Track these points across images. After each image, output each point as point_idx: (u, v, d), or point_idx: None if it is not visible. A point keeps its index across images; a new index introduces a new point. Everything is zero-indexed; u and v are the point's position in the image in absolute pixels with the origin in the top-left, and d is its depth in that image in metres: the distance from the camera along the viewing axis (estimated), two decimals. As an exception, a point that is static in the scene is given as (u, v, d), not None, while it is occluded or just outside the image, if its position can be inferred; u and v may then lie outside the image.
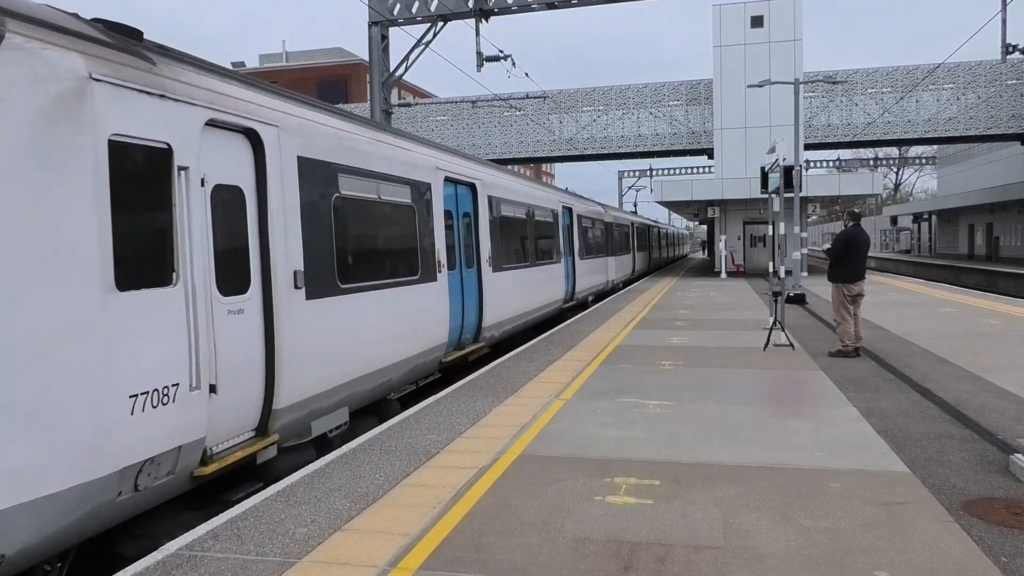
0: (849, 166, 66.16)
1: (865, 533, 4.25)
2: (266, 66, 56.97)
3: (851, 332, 10.33)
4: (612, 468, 5.55)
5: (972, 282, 35.74)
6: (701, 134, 36.30)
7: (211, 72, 5.64)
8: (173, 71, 5.04)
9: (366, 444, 6.42)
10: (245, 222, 5.71)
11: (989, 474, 5.23)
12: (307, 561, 4.07)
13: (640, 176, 66.37)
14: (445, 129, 38.20)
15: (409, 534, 4.39)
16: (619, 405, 7.63)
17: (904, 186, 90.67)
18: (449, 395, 8.41)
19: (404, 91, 55.44)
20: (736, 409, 7.36)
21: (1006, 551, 3.97)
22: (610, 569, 3.86)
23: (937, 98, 33.88)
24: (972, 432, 6.34)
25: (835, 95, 34.47)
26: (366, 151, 7.83)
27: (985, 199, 41.91)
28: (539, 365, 10.27)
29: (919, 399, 7.65)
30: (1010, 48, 21.48)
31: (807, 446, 6.02)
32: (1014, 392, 7.82)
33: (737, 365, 9.90)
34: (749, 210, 32.39)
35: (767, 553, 4.01)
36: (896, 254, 64.09)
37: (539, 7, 21.09)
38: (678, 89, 36.60)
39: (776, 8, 32.70)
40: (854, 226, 10.51)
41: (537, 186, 17.31)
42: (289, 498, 5.07)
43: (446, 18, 21.64)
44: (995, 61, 32.50)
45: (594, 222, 22.78)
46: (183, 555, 4.17)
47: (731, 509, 4.67)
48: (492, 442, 6.37)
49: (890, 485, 5.04)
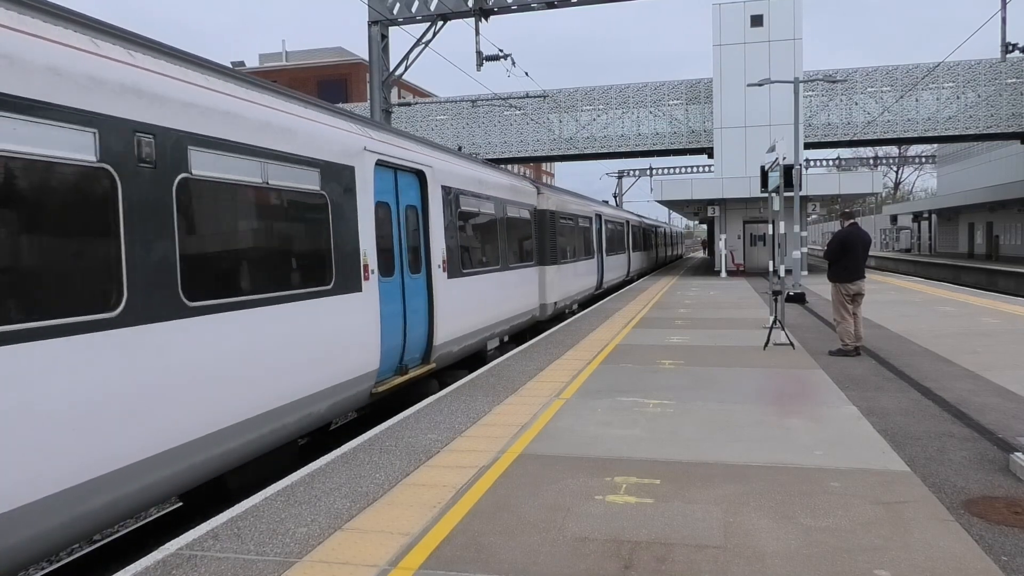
0: (849, 165, 66.17)
1: (865, 532, 4.25)
2: (266, 65, 56.95)
3: (851, 331, 10.33)
4: (612, 467, 5.55)
5: (972, 281, 35.74)
6: (701, 133, 36.29)
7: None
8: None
9: (366, 443, 6.41)
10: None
11: (989, 473, 5.22)
12: (307, 561, 4.07)
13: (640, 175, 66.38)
14: (445, 128, 38.20)
15: (409, 533, 4.39)
16: (619, 404, 7.63)
17: (904, 185, 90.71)
18: (449, 394, 8.41)
19: (404, 90, 55.43)
20: (736, 408, 7.35)
21: (1006, 550, 3.97)
22: (610, 568, 3.86)
23: (937, 97, 33.87)
24: (972, 431, 6.33)
25: (835, 94, 34.45)
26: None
27: (985, 198, 41.91)
28: (539, 364, 10.27)
29: (919, 398, 7.65)
30: (1010, 47, 21.47)
31: (807, 445, 6.02)
32: (1014, 391, 7.82)
33: (737, 364, 9.89)
34: (749, 209, 32.40)
35: (768, 552, 4.01)
36: (896, 253, 64.05)
37: (539, 6, 21.07)
38: (678, 88, 36.59)
39: (776, 7, 32.68)
40: (851, 225, 10.55)
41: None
42: (289, 497, 5.07)
43: (446, 17, 21.63)
44: (995, 60, 32.50)
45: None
46: (183, 554, 4.17)
47: (732, 508, 4.67)
48: (492, 441, 6.37)
49: (890, 484, 5.04)
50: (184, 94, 5.31)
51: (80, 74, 4.43)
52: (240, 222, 5.81)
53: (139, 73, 4.92)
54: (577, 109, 37.19)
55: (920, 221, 64.12)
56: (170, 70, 5.30)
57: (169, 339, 4.96)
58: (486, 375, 9.59)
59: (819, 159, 62.47)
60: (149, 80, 4.99)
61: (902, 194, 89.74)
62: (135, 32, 5.35)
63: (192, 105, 5.37)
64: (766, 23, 32.76)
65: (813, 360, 10.10)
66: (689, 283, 27.41)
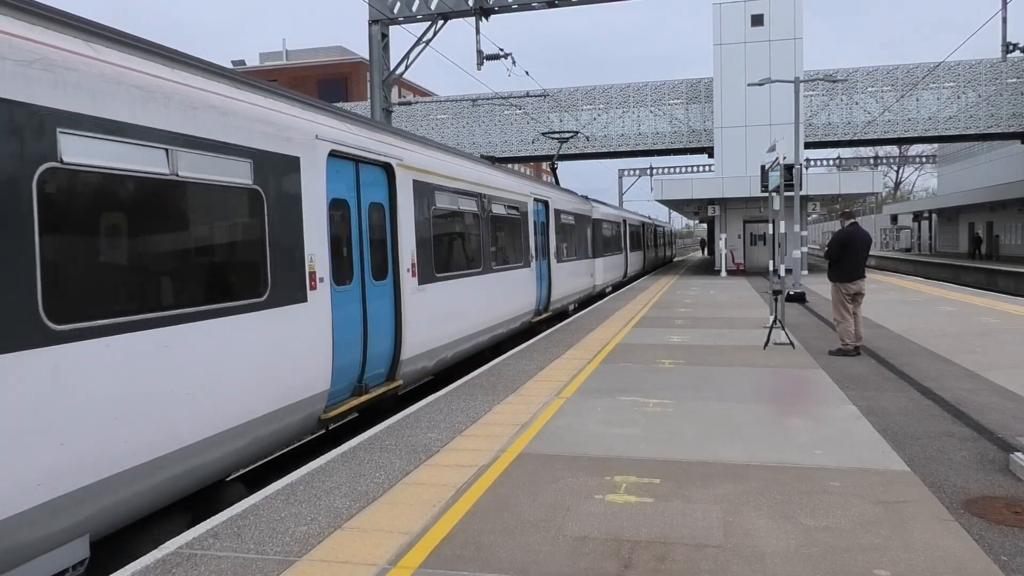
0: (849, 165, 66.14)
1: (865, 532, 4.25)
2: (267, 64, 56.91)
3: (851, 331, 10.33)
4: (612, 466, 5.55)
5: (972, 280, 35.72)
6: (701, 132, 36.28)
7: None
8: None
9: (366, 442, 6.41)
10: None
11: (989, 473, 5.22)
12: (307, 559, 4.07)
13: (640, 175, 66.43)
14: (445, 127, 38.20)
15: (409, 532, 4.39)
16: (619, 403, 7.63)
17: (904, 184, 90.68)
18: (449, 393, 8.41)
19: (404, 89, 55.40)
20: (736, 407, 7.35)
21: (1006, 550, 3.97)
22: (610, 568, 3.86)
23: (937, 97, 33.86)
24: (972, 431, 6.33)
25: (835, 94, 34.44)
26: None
27: (985, 198, 41.90)
28: (539, 363, 10.27)
29: (919, 397, 7.65)
30: (1010, 47, 21.46)
31: (807, 444, 6.02)
32: (1014, 391, 7.82)
33: (737, 363, 9.89)
34: (749, 208, 32.39)
35: (767, 552, 4.01)
36: (896, 253, 64.04)
37: (539, 5, 21.06)
38: (678, 87, 36.57)
39: (776, 6, 32.66)
40: (851, 225, 10.56)
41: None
42: (289, 496, 5.07)
43: (447, 16, 21.62)
44: (995, 59, 32.47)
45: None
46: (183, 553, 4.17)
47: (731, 507, 4.67)
48: (492, 440, 6.37)
49: (890, 484, 5.04)
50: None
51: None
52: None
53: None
54: (577, 108, 37.19)
55: (920, 221, 64.10)
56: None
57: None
58: (486, 374, 9.59)
59: (819, 159, 62.51)
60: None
61: (902, 194, 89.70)
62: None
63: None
64: (766, 22, 32.74)
65: (813, 360, 10.09)
66: (689, 282, 27.42)
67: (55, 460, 4.03)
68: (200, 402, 5.16)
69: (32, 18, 4.21)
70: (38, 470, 3.93)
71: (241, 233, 5.76)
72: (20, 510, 3.83)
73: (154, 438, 4.72)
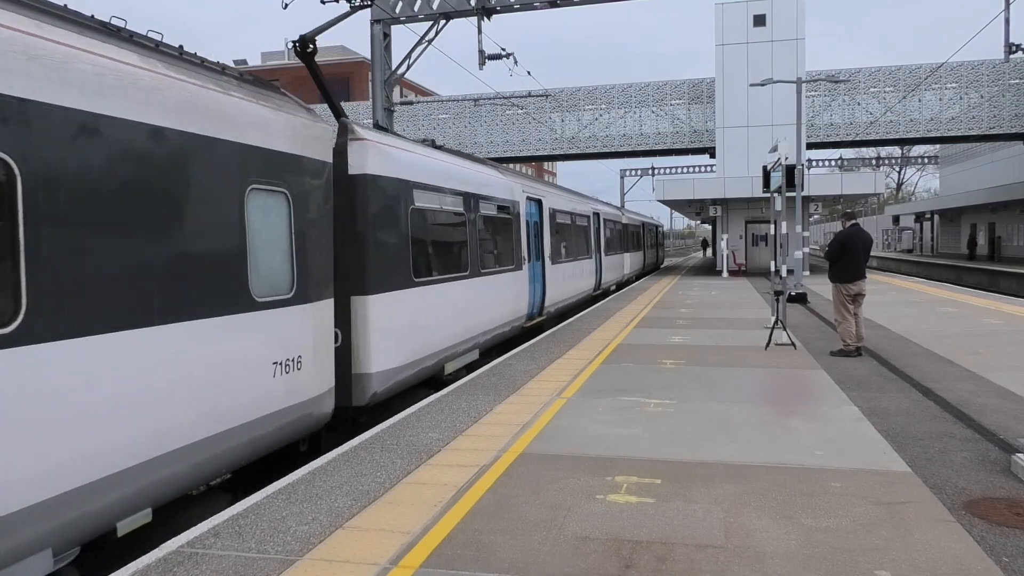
0: (851, 165, 66.06)
1: (866, 532, 4.25)
2: (268, 64, 56.95)
3: (852, 331, 10.32)
4: (613, 466, 5.55)
5: (974, 282, 35.69)
6: (703, 133, 36.27)
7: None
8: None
9: (367, 442, 6.42)
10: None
11: (991, 474, 5.22)
12: (308, 559, 4.07)
13: (641, 175, 66.41)
14: (447, 127, 38.20)
15: (410, 532, 4.39)
16: (620, 403, 7.63)
17: (906, 185, 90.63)
18: (450, 393, 8.41)
19: (406, 89, 55.43)
20: (737, 408, 7.35)
21: (1008, 551, 3.97)
22: (611, 568, 3.86)
23: (940, 97, 33.83)
24: (973, 432, 6.33)
25: (837, 94, 34.42)
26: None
27: (988, 199, 41.87)
28: (540, 363, 10.27)
29: (920, 398, 7.64)
30: (1013, 47, 21.40)
31: (808, 445, 6.01)
32: (1016, 392, 7.81)
33: (738, 364, 9.89)
34: (751, 209, 32.37)
35: (768, 552, 4.01)
36: (898, 253, 64.01)
37: (541, 5, 21.05)
38: (680, 88, 36.57)
39: (778, 7, 32.64)
40: (852, 226, 10.55)
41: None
42: (290, 496, 5.08)
43: (448, 16, 21.61)
44: (998, 60, 32.42)
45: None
46: (184, 552, 4.18)
47: (732, 508, 4.67)
48: (493, 440, 6.37)
49: (891, 484, 5.04)
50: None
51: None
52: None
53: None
54: (579, 108, 37.18)
55: (922, 221, 64.07)
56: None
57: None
58: (487, 374, 9.59)
59: (821, 159, 62.45)
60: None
61: (904, 195, 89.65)
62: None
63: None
64: (769, 23, 32.71)
65: (814, 360, 10.09)
66: (691, 283, 27.42)
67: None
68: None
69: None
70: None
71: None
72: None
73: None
